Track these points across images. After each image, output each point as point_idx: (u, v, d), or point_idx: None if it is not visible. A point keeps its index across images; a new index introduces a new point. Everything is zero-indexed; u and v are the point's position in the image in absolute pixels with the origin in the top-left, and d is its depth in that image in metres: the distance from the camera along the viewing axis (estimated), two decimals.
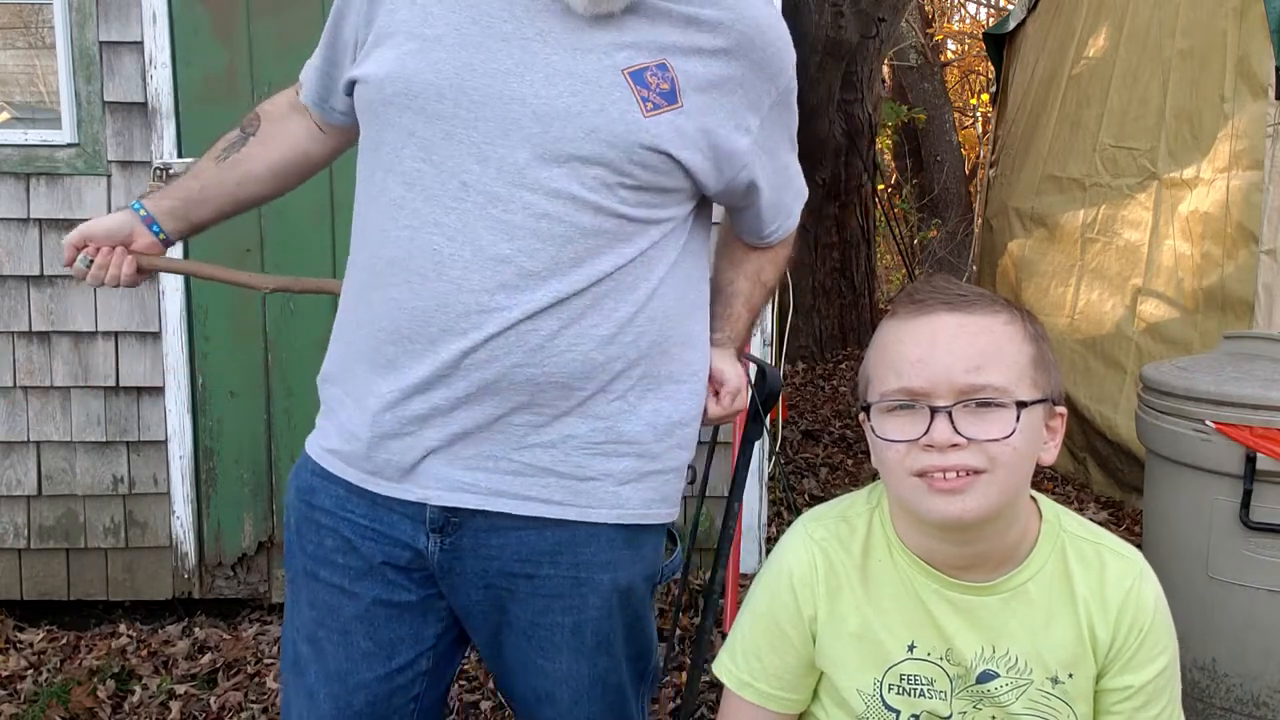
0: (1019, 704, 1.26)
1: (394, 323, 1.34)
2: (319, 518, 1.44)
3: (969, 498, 1.15)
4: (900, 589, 1.29)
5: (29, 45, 3.34)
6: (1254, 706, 2.33)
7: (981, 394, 1.16)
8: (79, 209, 3.22)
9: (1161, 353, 4.02)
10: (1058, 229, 5.05)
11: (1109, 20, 4.87)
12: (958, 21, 14.48)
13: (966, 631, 1.26)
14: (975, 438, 1.15)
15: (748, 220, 1.55)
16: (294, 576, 1.49)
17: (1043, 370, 1.21)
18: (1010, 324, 1.21)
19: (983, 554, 1.25)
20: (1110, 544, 1.29)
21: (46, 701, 2.85)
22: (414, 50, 1.34)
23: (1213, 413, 2.29)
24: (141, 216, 1.56)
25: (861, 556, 1.32)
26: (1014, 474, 1.18)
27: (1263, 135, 3.67)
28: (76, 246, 1.55)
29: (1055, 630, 1.25)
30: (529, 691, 1.47)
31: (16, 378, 3.28)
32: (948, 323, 1.19)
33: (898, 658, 1.29)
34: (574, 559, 1.39)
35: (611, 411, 1.38)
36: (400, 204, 1.34)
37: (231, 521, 3.40)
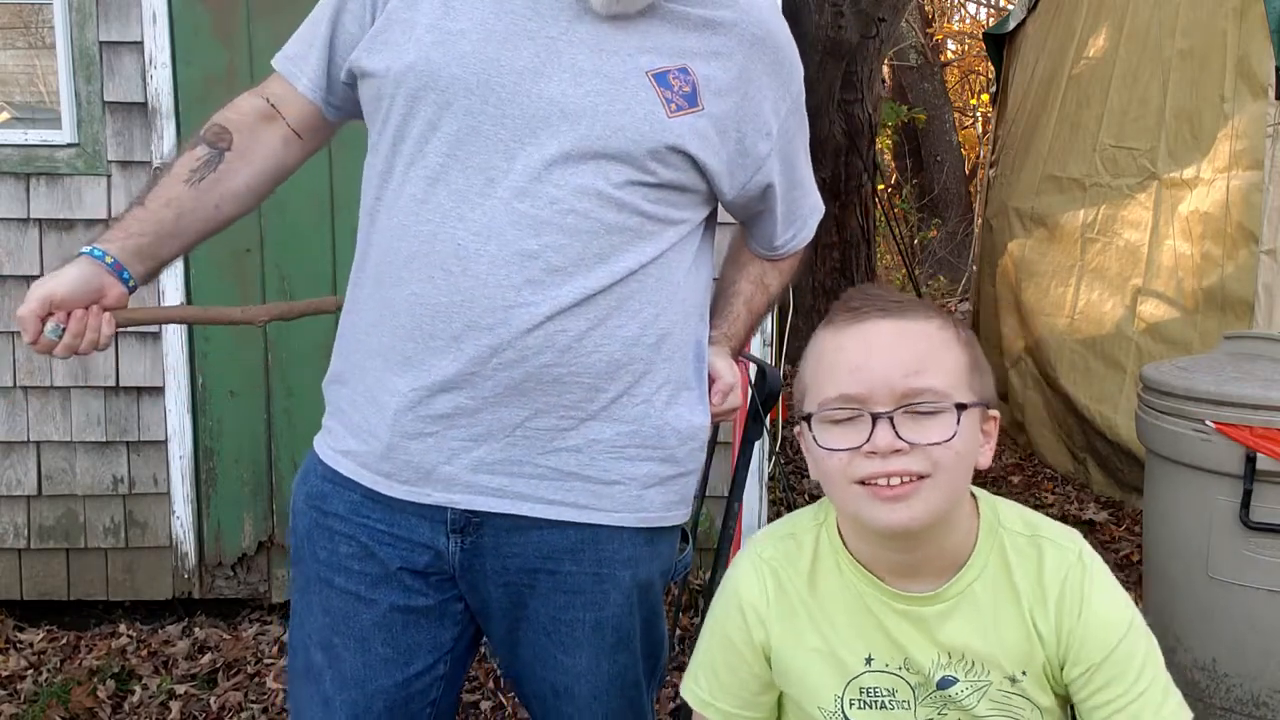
0: (982, 705, 1.26)
1: (414, 319, 1.32)
2: (332, 524, 1.42)
3: (914, 504, 1.16)
4: (851, 603, 1.29)
5: (29, 45, 3.34)
6: (1254, 706, 2.33)
7: (921, 398, 1.16)
8: (79, 209, 3.22)
9: (1161, 353, 4.02)
10: (1058, 229, 5.05)
11: (1109, 20, 4.87)
12: (958, 21, 14.48)
13: (920, 640, 1.26)
14: (917, 442, 1.15)
15: (762, 228, 1.55)
16: (305, 583, 1.46)
17: (977, 374, 1.23)
18: (944, 329, 1.22)
19: (926, 560, 1.25)
20: (1047, 533, 1.29)
21: (46, 701, 2.85)
22: (437, 42, 1.32)
23: (1213, 413, 2.29)
24: (109, 264, 1.37)
25: (810, 573, 1.32)
26: (955, 477, 1.18)
27: (1263, 135, 3.67)
28: (41, 317, 1.34)
29: (1004, 629, 1.25)
30: (546, 687, 1.47)
31: (16, 377, 3.28)
32: (884, 329, 1.20)
33: (857, 670, 1.28)
34: (596, 555, 1.39)
35: (636, 415, 1.38)
36: (423, 199, 1.32)
37: (231, 521, 3.39)
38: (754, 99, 1.40)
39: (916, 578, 1.26)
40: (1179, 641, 2.43)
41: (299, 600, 1.48)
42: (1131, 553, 3.72)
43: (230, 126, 1.47)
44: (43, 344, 1.35)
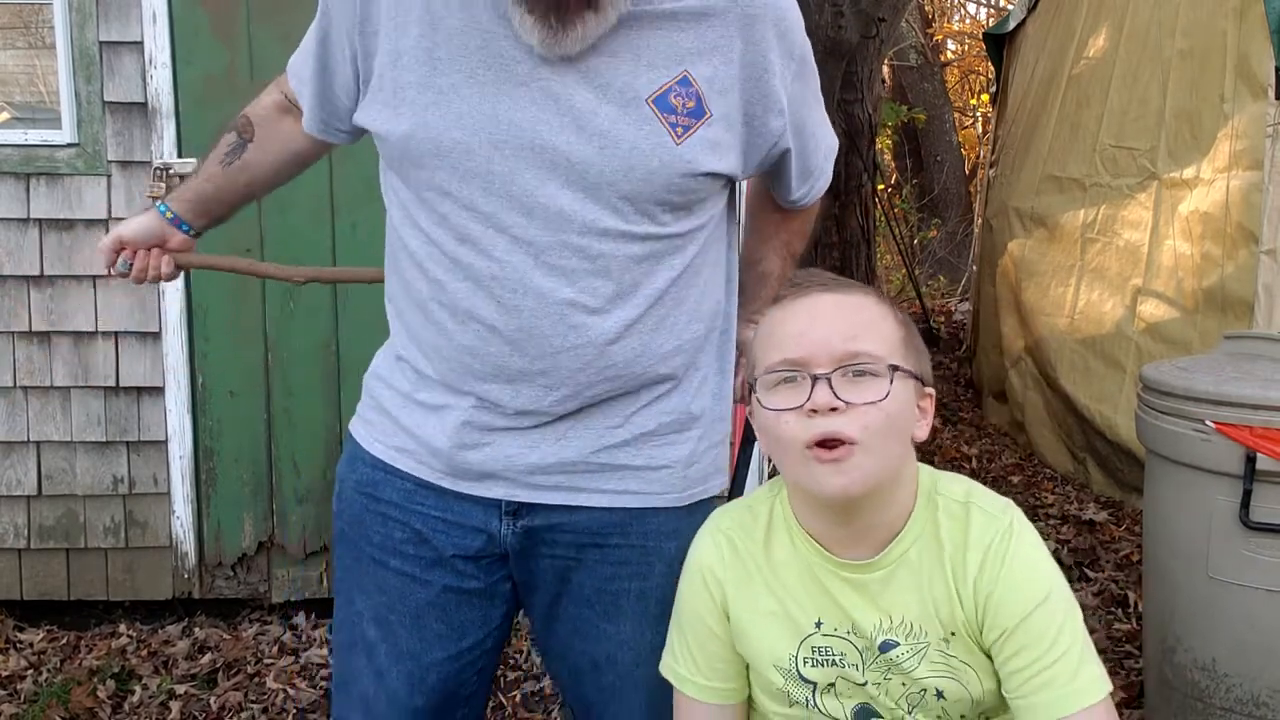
0: (922, 668, 1.31)
1: (466, 366, 1.37)
2: (385, 510, 1.47)
3: (850, 470, 1.22)
4: (801, 569, 1.36)
5: (29, 45, 3.34)
6: (1254, 706, 2.33)
7: (858, 360, 1.24)
8: (79, 209, 3.22)
9: (1161, 353, 4.02)
10: (1058, 229, 5.05)
11: (1109, 20, 4.87)
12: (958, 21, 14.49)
13: (863, 606, 1.32)
14: (853, 401, 1.22)
15: (778, 185, 1.57)
16: (356, 562, 1.51)
17: (912, 351, 1.30)
18: (881, 304, 1.31)
19: (866, 529, 1.31)
20: (980, 501, 1.33)
21: (46, 701, 2.85)
22: (431, 103, 1.31)
23: (1212, 413, 2.29)
24: (170, 218, 1.65)
25: (764, 540, 1.39)
26: (888, 442, 1.24)
27: (1262, 135, 3.67)
28: (114, 250, 1.65)
29: (935, 592, 1.30)
30: (585, 660, 1.51)
31: (16, 378, 3.28)
32: (825, 300, 1.30)
33: (808, 631, 1.35)
34: (642, 529, 1.45)
35: (676, 405, 1.44)
36: (455, 257, 1.34)
37: (231, 521, 3.39)
38: (761, 80, 1.37)
39: (858, 546, 1.32)
40: (1179, 641, 2.42)
41: (348, 578, 1.53)
42: (1131, 553, 3.72)
43: (254, 119, 1.62)
44: (115, 272, 1.65)
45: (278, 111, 1.61)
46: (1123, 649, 3.10)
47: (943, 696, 1.32)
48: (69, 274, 3.24)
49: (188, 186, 1.67)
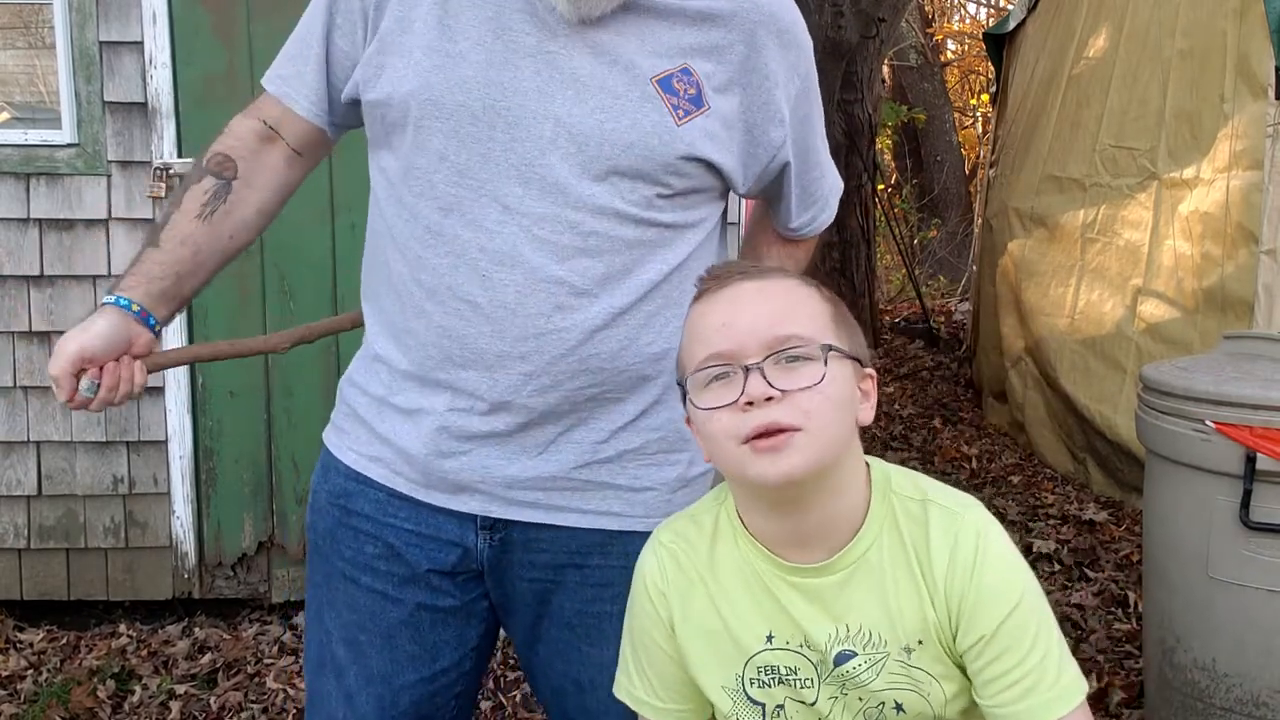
0: (879, 680, 1.24)
1: (444, 350, 1.32)
2: (357, 523, 1.42)
3: (791, 455, 1.14)
4: (750, 580, 1.27)
5: (29, 45, 3.34)
6: (1254, 706, 2.32)
7: (788, 344, 1.16)
8: (79, 209, 3.22)
9: (1161, 353, 4.02)
10: (1058, 229, 5.05)
11: (1109, 20, 4.87)
12: (958, 21, 14.49)
13: (816, 615, 1.25)
14: (788, 389, 1.14)
15: (778, 211, 1.54)
16: (327, 579, 1.46)
17: (844, 328, 1.23)
18: (804, 285, 1.24)
19: (819, 527, 1.23)
20: (937, 498, 1.26)
21: (46, 701, 2.85)
22: (436, 67, 1.29)
23: (1212, 413, 2.29)
24: (135, 312, 1.38)
25: (709, 552, 1.30)
26: (830, 426, 1.16)
27: (1262, 135, 3.67)
28: (74, 374, 1.34)
29: (901, 597, 1.23)
30: (567, 681, 1.47)
31: (16, 378, 3.28)
32: (747, 288, 1.21)
33: (755, 649, 1.27)
34: (624, 549, 1.40)
35: (662, 422, 1.40)
36: (438, 231, 1.30)
37: (231, 521, 3.40)
38: (761, 88, 1.37)
39: (809, 547, 1.24)
40: (1179, 641, 2.42)
41: (318, 595, 1.48)
42: (1131, 553, 3.71)
43: (232, 154, 1.45)
44: (78, 400, 1.35)
45: (258, 141, 1.46)
46: (1123, 649, 3.10)
47: (901, 710, 1.25)
48: (69, 274, 3.25)
49: (150, 264, 1.40)
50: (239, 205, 1.44)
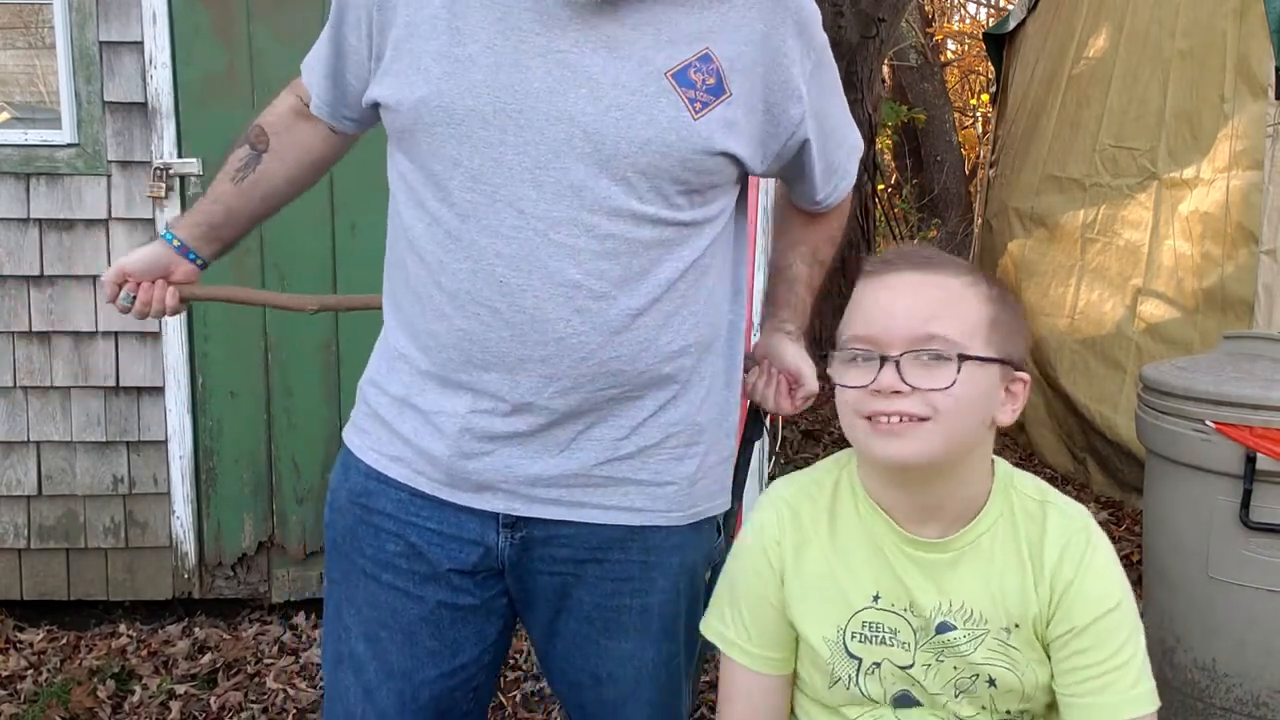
0: (978, 654, 1.31)
1: (465, 354, 1.32)
2: (378, 521, 1.43)
3: (910, 441, 1.21)
4: (865, 541, 1.34)
5: (29, 45, 3.34)
6: (1254, 706, 2.33)
7: (930, 345, 1.21)
8: (79, 209, 3.22)
9: (1161, 353, 4.02)
10: (1058, 229, 5.05)
11: (1109, 20, 4.87)
12: (958, 21, 14.48)
13: (925, 586, 1.31)
14: (919, 386, 1.20)
15: (802, 187, 1.54)
16: (346, 576, 1.47)
17: (1001, 332, 1.26)
18: (971, 285, 1.26)
19: (936, 506, 1.30)
20: (1056, 501, 1.34)
21: (46, 701, 2.85)
22: (447, 73, 1.29)
23: (1212, 413, 2.29)
24: (176, 246, 1.59)
25: (829, 510, 1.37)
26: (957, 424, 1.22)
27: (1262, 135, 3.67)
28: (116, 283, 1.58)
29: (1005, 584, 1.30)
30: (585, 675, 1.48)
31: (17, 378, 3.28)
32: (908, 279, 1.26)
33: (861, 605, 1.34)
34: (644, 544, 1.42)
35: (682, 416, 1.41)
36: (456, 236, 1.30)
37: (231, 521, 3.39)
38: (780, 65, 1.36)
39: (928, 523, 1.31)
40: (1179, 641, 2.43)
41: (337, 592, 1.49)
42: (1131, 553, 3.71)
43: (268, 128, 1.56)
44: (119, 307, 1.58)
45: (293, 116, 1.55)
46: None
47: (994, 684, 1.31)
48: (69, 274, 3.24)
49: (196, 211, 1.61)
50: (266, 176, 1.57)
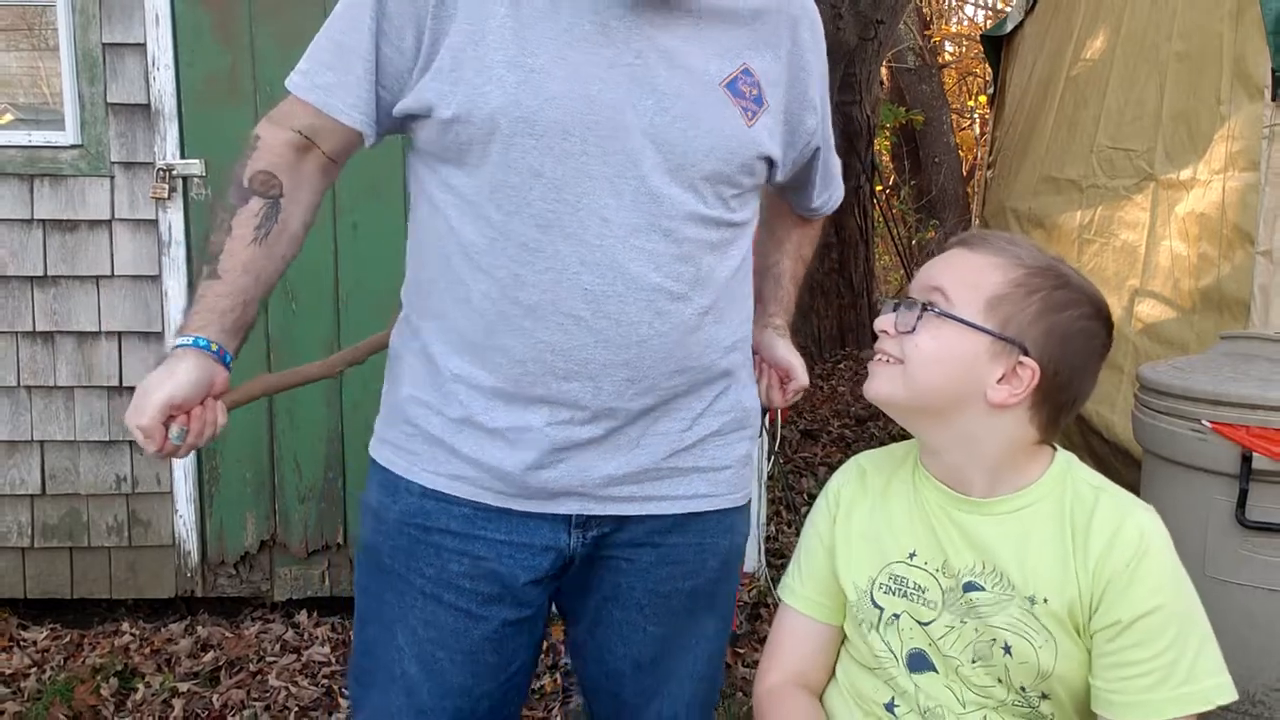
0: (999, 618, 1.32)
1: (546, 366, 1.32)
2: (439, 540, 1.40)
3: (876, 380, 1.34)
4: (913, 503, 1.41)
5: (32, 47, 3.35)
6: (1251, 705, 2.34)
7: (930, 296, 1.31)
8: (82, 210, 3.23)
9: (1159, 353, 4.03)
10: (1055, 230, 5.06)
11: (1106, 22, 4.88)
12: (955, 23, 14.49)
13: (961, 544, 1.36)
14: (888, 328, 1.32)
15: (804, 194, 1.62)
16: (400, 597, 1.44)
17: (1008, 309, 1.28)
18: (1003, 265, 1.31)
19: (952, 459, 1.36)
20: (1113, 491, 1.35)
21: (50, 699, 2.86)
22: (521, 83, 1.28)
23: (1209, 412, 2.31)
24: (214, 352, 1.34)
25: (890, 475, 1.46)
26: (922, 375, 1.30)
27: (1259, 137, 3.68)
28: (163, 423, 1.29)
29: (1041, 556, 1.31)
30: (627, 663, 1.50)
31: (20, 377, 3.29)
32: (954, 253, 1.35)
33: (894, 558, 1.40)
34: (700, 527, 1.47)
35: (731, 404, 1.47)
36: (536, 248, 1.30)
37: (234, 520, 3.41)
38: (801, 79, 1.45)
39: (957, 473, 1.36)
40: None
41: (388, 613, 1.45)
42: None
43: (275, 170, 1.38)
44: (168, 449, 1.30)
45: (294, 152, 1.39)
46: None
47: (1009, 653, 1.32)
48: (72, 274, 3.26)
49: (216, 298, 1.34)
50: (289, 222, 1.39)
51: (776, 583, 3.48)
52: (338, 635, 3.31)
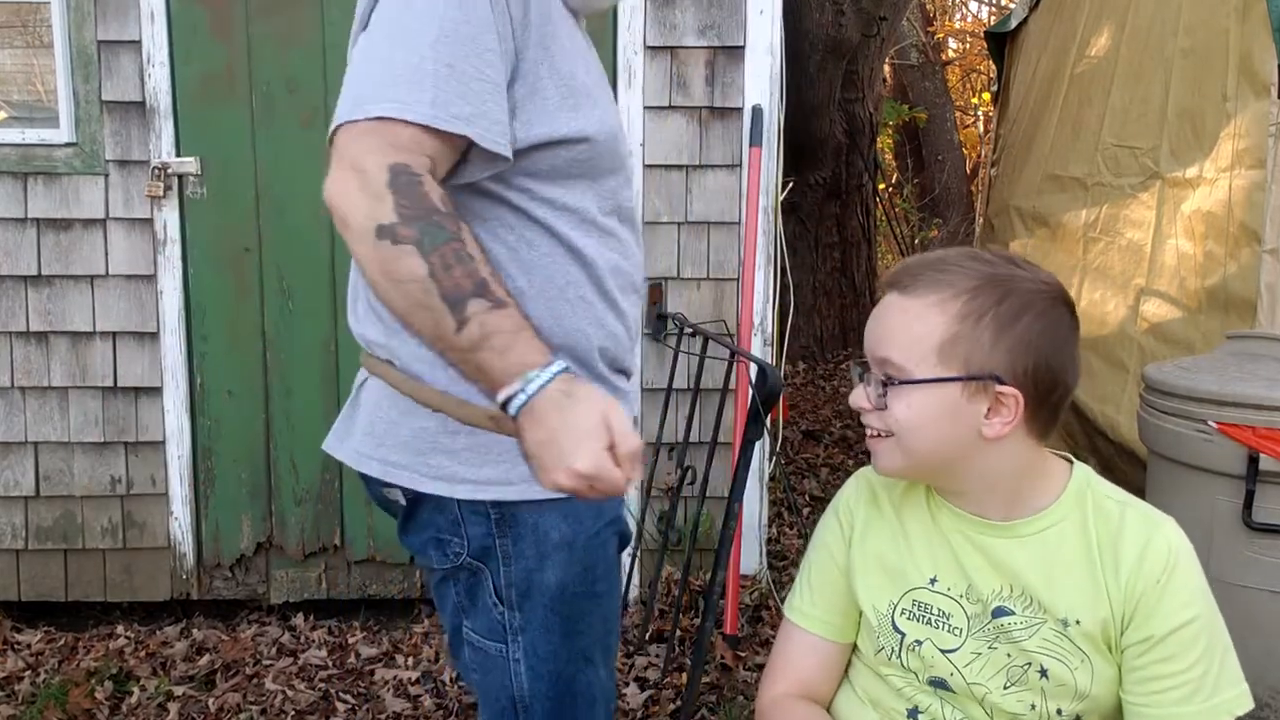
0: (1032, 641, 1.31)
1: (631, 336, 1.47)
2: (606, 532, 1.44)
3: (879, 456, 1.33)
4: (929, 527, 1.39)
5: (27, 44, 3.33)
6: (1257, 708, 2.31)
7: (885, 367, 1.29)
8: (76, 208, 3.21)
9: (1164, 352, 4.00)
10: (1060, 228, 5.03)
11: (1111, 19, 4.86)
12: (959, 20, 14.46)
13: (985, 569, 1.34)
14: (876, 406, 1.30)
15: None
16: (606, 614, 1.46)
17: (965, 348, 1.25)
18: (938, 304, 1.26)
19: (971, 490, 1.34)
20: (1137, 505, 1.34)
21: (44, 703, 2.84)
22: (591, 105, 1.37)
23: (1215, 413, 2.28)
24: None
25: (902, 496, 1.43)
26: (916, 441, 1.29)
27: (1265, 134, 3.65)
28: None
29: (1068, 578, 1.30)
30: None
31: (14, 378, 3.27)
32: (887, 301, 1.32)
33: (916, 584, 1.38)
34: None
35: None
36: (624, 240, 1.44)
37: (229, 522, 3.38)
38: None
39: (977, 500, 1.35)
40: None
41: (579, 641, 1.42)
42: None
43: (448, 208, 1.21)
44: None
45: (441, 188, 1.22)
46: None
47: (1046, 675, 1.31)
48: (66, 274, 3.24)
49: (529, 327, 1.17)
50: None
51: (777, 584, 3.46)
52: (335, 639, 3.29)
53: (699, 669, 2.16)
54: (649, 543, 3.38)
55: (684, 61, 3.26)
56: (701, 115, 3.28)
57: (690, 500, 3.19)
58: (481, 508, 1.35)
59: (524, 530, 1.36)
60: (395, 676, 3.01)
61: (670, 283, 3.34)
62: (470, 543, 1.37)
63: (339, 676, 3.06)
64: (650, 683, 2.91)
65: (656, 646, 3.09)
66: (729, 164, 3.30)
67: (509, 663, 1.40)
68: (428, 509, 1.38)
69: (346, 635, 3.30)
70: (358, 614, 3.44)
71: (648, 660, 3.02)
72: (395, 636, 3.29)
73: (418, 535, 1.42)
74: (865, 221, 7.74)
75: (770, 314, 3.38)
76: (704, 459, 2.92)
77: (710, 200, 3.31)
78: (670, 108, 3.27)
